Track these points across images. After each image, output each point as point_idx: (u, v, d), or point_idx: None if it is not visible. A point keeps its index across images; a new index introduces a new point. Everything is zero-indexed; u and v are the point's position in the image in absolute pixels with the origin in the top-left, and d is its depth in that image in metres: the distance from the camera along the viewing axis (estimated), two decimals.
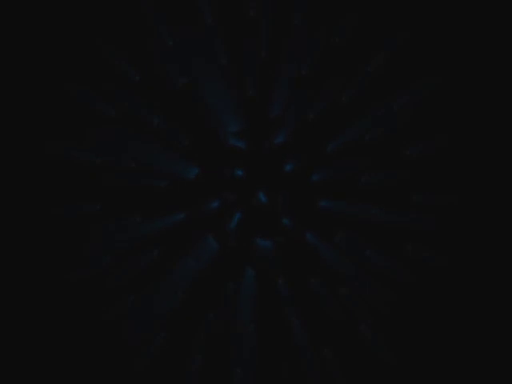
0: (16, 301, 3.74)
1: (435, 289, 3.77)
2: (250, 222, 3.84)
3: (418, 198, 3.79)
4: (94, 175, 3.76)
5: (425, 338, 3.77)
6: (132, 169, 3.78)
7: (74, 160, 3.74)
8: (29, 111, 3.76)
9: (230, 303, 3.76)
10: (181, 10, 3.78)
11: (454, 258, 3.77)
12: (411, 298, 3.77)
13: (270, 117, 3.82)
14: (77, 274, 3.73)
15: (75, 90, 3.74)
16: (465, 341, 3.76)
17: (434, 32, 3.75)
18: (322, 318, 3.80)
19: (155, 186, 3.79)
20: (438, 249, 3.78)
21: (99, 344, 3.74)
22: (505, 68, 3.77)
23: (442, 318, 3.77)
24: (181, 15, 3.78)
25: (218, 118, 3.79)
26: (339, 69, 3.80)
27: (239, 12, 3.78)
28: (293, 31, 3.75)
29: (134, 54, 3.78)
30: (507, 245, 3.75)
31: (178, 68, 3.77)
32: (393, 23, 3.75)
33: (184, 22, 3.78)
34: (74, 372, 3.74)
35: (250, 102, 3.81)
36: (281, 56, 3.79)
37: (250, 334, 3.75)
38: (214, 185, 3.84)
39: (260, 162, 3.85)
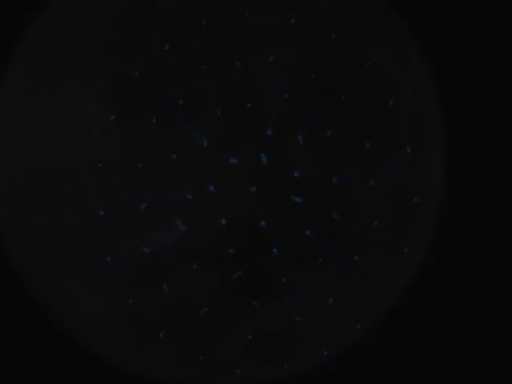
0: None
1: (434, 289, 3.78)
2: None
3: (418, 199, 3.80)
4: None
5: (424, 339, 3.78)
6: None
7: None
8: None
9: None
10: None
11: (453, 259, 3.77)
12: (410, 298, 3.78)
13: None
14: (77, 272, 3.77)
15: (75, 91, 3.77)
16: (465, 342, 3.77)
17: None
18: (321, 317, 3.82)
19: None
20: (437, 250, 3.78)
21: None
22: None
23: (442, 319, 3.77)
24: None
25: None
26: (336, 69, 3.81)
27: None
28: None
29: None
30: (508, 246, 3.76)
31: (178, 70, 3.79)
32: None
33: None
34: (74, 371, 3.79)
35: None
36: None
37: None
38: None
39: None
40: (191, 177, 3.75)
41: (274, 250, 3.76)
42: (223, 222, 3.76)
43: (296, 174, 3.77)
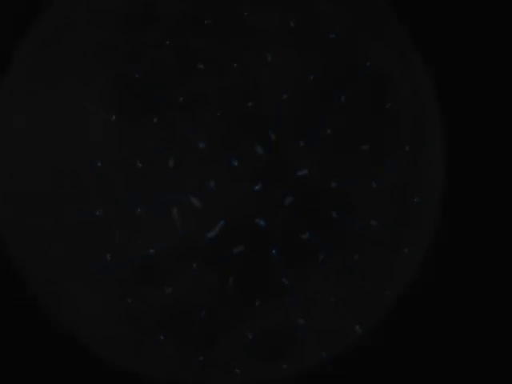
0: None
1: (434, 289, 3.77)
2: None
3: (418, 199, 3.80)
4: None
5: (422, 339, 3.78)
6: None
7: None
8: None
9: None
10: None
11: (453, 259, 3.77)
12: (410, 298, 3.78)
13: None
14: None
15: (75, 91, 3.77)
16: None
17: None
18: (321, 317, 3.82)
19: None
20: (437, 250, 3.78)
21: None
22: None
23: (442, 319, 3.77)
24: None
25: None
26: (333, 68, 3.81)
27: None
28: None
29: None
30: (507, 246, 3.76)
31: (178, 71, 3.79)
32: None
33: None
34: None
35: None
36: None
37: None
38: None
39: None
40: (191, 177, 3.75)
41: (274, 250, 3.77)
42: (223, 222, 3.76)
43: (296, 174, 3.77)
